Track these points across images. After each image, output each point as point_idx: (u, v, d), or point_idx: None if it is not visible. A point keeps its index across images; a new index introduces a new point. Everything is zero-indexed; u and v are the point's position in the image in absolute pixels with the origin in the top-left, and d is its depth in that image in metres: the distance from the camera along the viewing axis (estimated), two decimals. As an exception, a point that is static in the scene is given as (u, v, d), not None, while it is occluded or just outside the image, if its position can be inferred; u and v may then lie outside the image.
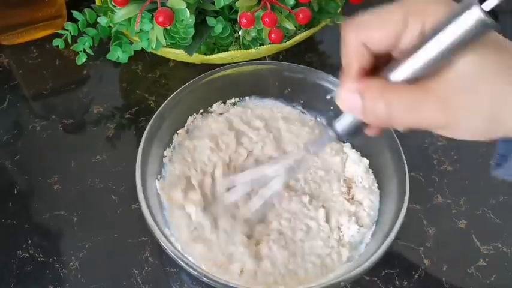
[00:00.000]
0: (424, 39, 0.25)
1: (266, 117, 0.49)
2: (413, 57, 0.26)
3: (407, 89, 0.26)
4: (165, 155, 0.45)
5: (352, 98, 0.28)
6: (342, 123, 0.31)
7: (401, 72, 0.27)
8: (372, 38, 0.27)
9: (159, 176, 0.43)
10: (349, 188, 0.45)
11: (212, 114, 0.49)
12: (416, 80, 0.26)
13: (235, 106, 0.49)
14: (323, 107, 0.48)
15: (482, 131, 0.26)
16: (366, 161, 0.46)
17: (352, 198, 0.44)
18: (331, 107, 0.48)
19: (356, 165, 0.46)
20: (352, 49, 0.28)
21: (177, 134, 0.46)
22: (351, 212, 0.43)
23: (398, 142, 0.42)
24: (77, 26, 0.55)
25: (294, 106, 0.50)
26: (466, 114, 0.25)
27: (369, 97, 0.27)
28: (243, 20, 0.49)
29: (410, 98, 0.26)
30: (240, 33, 0.53)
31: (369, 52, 0.28)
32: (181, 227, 0.41)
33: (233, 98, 0.49)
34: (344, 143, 0.48)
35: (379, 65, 0.29)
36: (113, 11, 0.52)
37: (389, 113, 0.26)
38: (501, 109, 0.25)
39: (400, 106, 0.26)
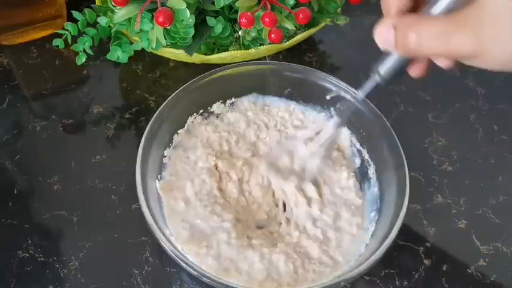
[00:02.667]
0: None
1: (265, 118, 0.49)
2: None
3: (438, 20, 0.27)
4: (165, 154, 0.45)
5: (386, 32, 0.30)
6: (384, 66, 0.33)
7: (434, 6, 0.28)
8: None
9: (159, 176, 0.43)
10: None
11: (212, 114, 0.49)
12: (450, 12, 0.27)
13: (234, 106, 0.49)
14: (323, 107, 0.49)
15: None
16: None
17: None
18: (332, 107, 0.48)
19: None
20: None
21: (177, 134, 0.46)
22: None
23: (399, 142, 0.42)
24: (77, 26, 0.55)
25: (294, 105, 0.50)
26: (496, 43, 0.26)
27: (401, 29, 0.29)
28: (243, 20, 0.49)
29: (440, 28, 0.27)
30: (240, 33, 0.53)
31: None
32: (180, 227, 0.41)
33: (233, 98, 0.49)
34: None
35: (422, 4, 0.30)
36: (113, 11, 0.52)
37: (419, 42, 0.28)
38: None
39: (430, 36, 0.27)
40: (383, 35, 0.30)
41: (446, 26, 0.27)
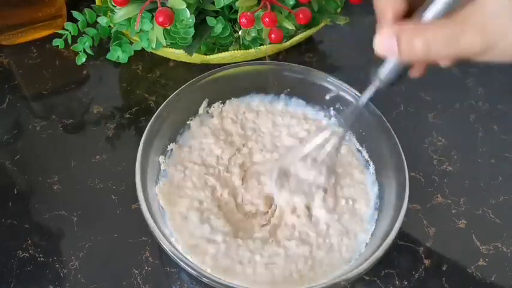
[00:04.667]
0: None
1: (262, 121, 0.49)
2: None
3: (442, 23, 0.28)
4: (165, 156, 0.45)
5: (388, 41, 0.29)
6: (385, 70, 0.33)
7: (433, 10, 0.28)
8: None
9: (159, 177, 0.43)
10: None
11: (210, 115, 0.49)
12: (449, 14, 0.28)
13: (231, 106, 0.49)
14: (322, 107, 0.49)
15: None
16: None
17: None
18: (331, 107, 0.48)
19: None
20: None
21: (178, 134, 0.46)
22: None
23: (398, 142, 0.42)
24: (77, 26, 0.55)
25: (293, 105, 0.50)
26: (503, 37, 0.26)
27: (405, 37, 0.29)
28: (243, 20, 0.49)
29: (447, 32, 0.28)
30: (240, 33, 0.53)
31: None
32: (182, 232, 0.41)
33: (232, 98, 0.49)
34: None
35: (415, 9, 0.30)
36: (113, 11, 0.52)
37: (427, 49, 0.28)
38: None
39: (437, 41, 0.28)
40: (384, 44, 0.30)
41: (453, 29, 0.27)
